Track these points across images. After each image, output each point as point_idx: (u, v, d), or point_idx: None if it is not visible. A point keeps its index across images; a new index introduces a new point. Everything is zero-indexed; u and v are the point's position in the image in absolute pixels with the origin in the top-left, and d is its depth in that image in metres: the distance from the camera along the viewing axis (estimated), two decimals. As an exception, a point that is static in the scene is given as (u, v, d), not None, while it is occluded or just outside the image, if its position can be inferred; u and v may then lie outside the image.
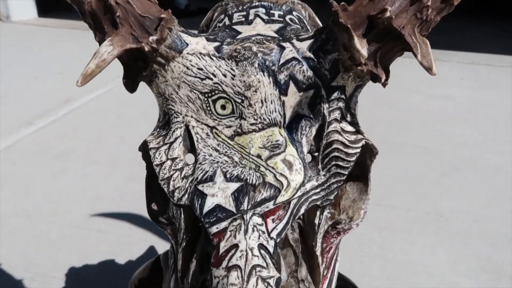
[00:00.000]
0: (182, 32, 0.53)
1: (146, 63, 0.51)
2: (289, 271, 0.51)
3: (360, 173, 0.58)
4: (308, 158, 0.52)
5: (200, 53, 0.51)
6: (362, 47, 0.44)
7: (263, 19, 0.60)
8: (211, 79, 0.51)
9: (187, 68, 0.51)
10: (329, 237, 0.53)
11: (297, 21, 0.62)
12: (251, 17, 0.60)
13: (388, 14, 0.45)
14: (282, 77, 0.50)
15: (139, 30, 0.49)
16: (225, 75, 0.51)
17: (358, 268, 1.34)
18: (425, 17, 0.46)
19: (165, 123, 0.55)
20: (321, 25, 0.72)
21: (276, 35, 0.55)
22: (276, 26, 0.58)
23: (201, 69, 0.51)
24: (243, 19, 0.60)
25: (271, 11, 0.61)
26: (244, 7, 0.63)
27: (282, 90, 0.50)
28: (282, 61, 0.50)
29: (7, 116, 2.35)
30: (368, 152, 0.55)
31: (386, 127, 2.29)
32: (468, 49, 3.75)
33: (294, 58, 0.50)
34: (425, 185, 1.77)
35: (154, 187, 0.57)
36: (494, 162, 1.94)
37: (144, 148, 0.56)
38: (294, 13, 0.63)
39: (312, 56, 0.50)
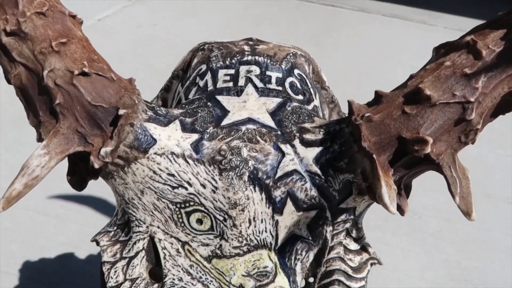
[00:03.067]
0: (149, 120, 0.39)
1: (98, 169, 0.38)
2: None
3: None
4: (302, 283, 0.43)
5: (172, 153, 0.39)
6: (391, 200, 0.33)
7: (256, 87, 0.46)
8: (186, 188, 0.39)
9: (154, 172, 0.39)
10: None
11: (298, 85, 0.49)
12: (241, 81, 0.46)
13: (428, 149, 0.33)
14: (278, 193, 0.39)
15: (88, 124, 0.36)
16: (204, 186, 0.39)
17: (329, 271, 1.32)
18: (471, 141, 0.36)
19: (124, 222, 0.43)
20: (326, 81, 0.59)
21: (273, 124, 0.43)
22: (273, 102, 0.45)
23: (173, 175, 0.39)
24: (231, 83, 0.46)
25: (267, 72, 0.48)
26: (233, 61, 0.48)
27: (277, 208, 0.40)
28: (279, 173, 0.39)
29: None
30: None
31: (365, 100, 2.21)
32: (456, 11, 3.60)
33: (295, 171, 0.39)
34: (402, 177, 1.75)
35: None
36: (471, 153, 1.92)
37: (97, 244, 0.45)
38: (295, 71, 0.50)
39: (318, 171, 0.39)
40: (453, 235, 1.49)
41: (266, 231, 0.41)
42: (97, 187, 1.51)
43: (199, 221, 0.41)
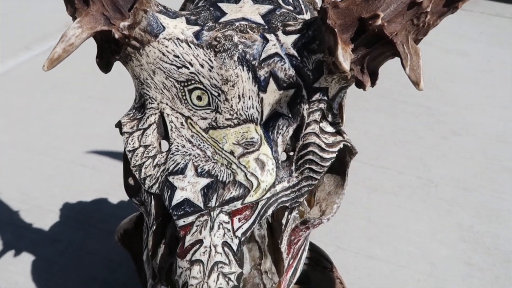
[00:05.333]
0: (159, 12, 0.49)
1: (119, 46, 0.48)
2: (253, 264, 0.53)
3: (339, 167, 0.58)
4: (283, 156, 0.51)
5: (178, 39, 0.48)
6: (345, 59, 0.41)
7: None
8: (188, 68, 0.48)
9: (163, 54, 0.48)
10: (298, 231, 0.54)
11: (290, 0, 0.57)
12: None
13: (379, 22, 0.41)
14: (262, 73, 0.47)
15: (111, 10, 0.46)
16: (202, 66, 0.48)
17: (341, 227, 1.38)
18: (422, 23, 0.42)
19: (140, 105, 0.53)
20: (318, 3, 0.66)
21: (262, 22, 0.51)
22: (265, 8, 0.53)
23: (178, 57, 0.48)
24: None
25: None
26: None
27: (261, 86, 0.48)
28: (263, 55, 0.47)
29: (4, 39, 2.30)
30: (348, 151, 0.54)
31: (392, 81, 2.23)
32: (494, -3, 3.51)
33: (276, 54, 0.47)
34: (421, 149, 1.77)
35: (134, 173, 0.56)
36: (494, 129, 1.91)
37: (120, 127, 0.55)
38: None
39: (295, 54, 0.47)
40: (468, 202, 1.50)
41: (253, 107, 0.49)
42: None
43: (199, 98, 0.49)
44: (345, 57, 0.41)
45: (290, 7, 0.56)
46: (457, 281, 1.23)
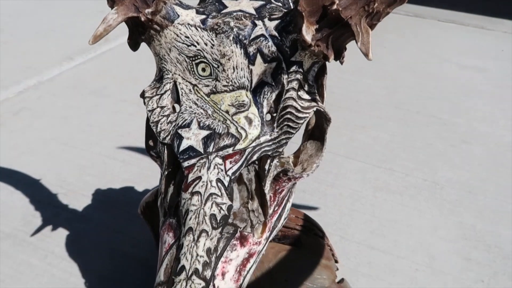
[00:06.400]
0: (176, 4, 0.64)
1: (145, 29, 0.63)
2: (242, 202, 0.65)
3: (319, 134, 0.70)
4: (268, 117, 0.64)
5: (188, 24, 0.63)
6: (307, 33, 0.54)
7: None
8: (195, 46, 0.63)
9: (177, 35, 0.63)
10: (281, 181, 0.66)
11: None
12: None
13: (335, 6, 0.54)
14: (251, 49, 0.61)
15: (140, 1, 0.61)
16: (206, 44, 0.62)
17: (345, 219, 1.47)
18: (371, 10, 0.55)
19: (159, 77, 0.68)
20: None
21: (254, 13, 0.65)
22: (258, 3, 0.68)
23: (188, 37, 0.63)
24: None
25: None
26: None
27: (251, 60, 0.62)
28: (252, 36, 0.61)
29: (50, 50, 2.56)
30: (324, 118, 0.66)
31: (406, 93, 2.31)
32: (519, 18, 3.54)
33: (262, 35, 0.61)
34: (430, 155, 1.83)
35: (151, 128, 0.71)
36: (505, 140, 1.96)
37: (143, 96, 0.70)
38: None
39: (277, 34, 0.60)
40: (472, 204, 1.55)
41: (244, 77, 0.62)
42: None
43: (203, 69, 0.63)
44: (307, 32, 0.54)
45: (279, 4, 0.70)
46: (454, 273, 1.29)
